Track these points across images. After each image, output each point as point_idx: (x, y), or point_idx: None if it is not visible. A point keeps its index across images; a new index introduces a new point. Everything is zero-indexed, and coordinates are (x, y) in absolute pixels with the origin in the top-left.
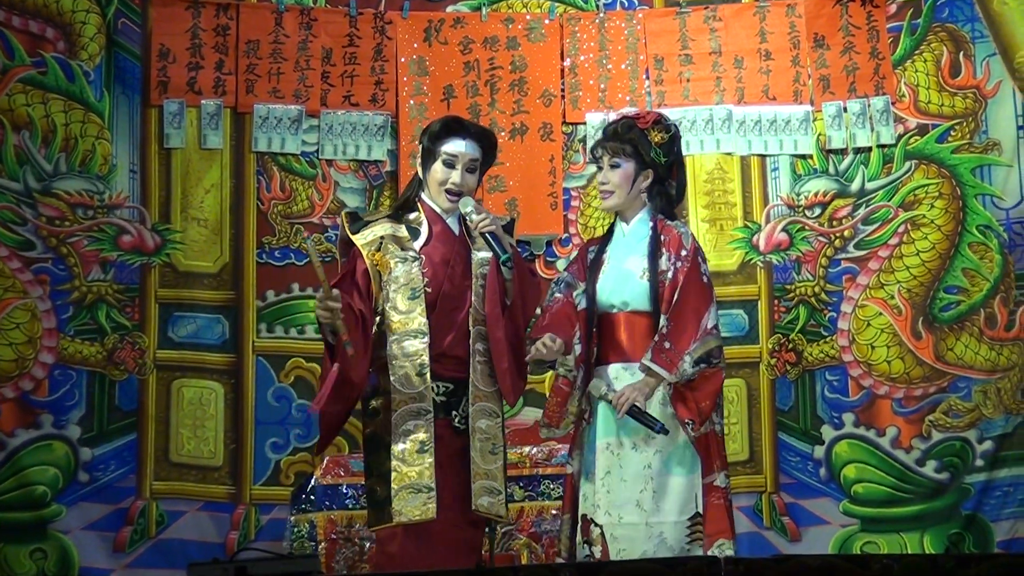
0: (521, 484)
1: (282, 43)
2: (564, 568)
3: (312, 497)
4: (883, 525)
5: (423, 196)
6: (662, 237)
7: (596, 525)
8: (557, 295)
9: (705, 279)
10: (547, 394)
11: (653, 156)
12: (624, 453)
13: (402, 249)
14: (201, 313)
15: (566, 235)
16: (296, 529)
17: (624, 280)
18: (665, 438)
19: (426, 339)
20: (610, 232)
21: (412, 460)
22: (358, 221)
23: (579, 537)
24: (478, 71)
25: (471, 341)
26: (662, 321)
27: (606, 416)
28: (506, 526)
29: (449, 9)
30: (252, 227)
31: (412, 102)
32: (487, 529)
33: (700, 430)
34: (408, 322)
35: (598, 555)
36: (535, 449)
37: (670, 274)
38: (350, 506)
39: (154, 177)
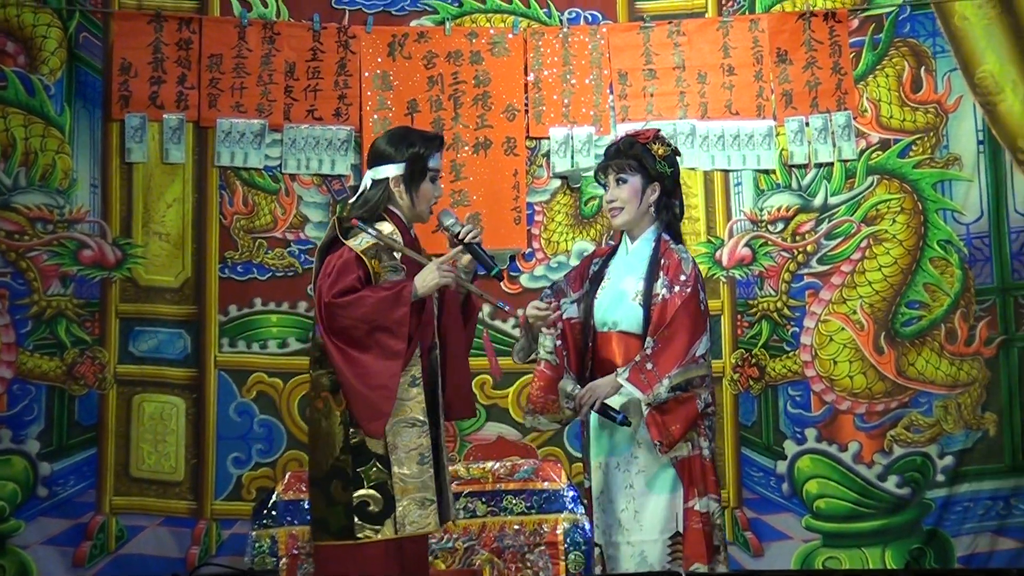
0: (484, 499)
1: (245, 57)
2: None
3: (273, 512)
4: (845, 540)
5: (392, 208)
6: (662, 260)
7: (596, 545)
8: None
9: (702, 307)
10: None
11: (659, 169)
12: (611, 472)
13: (390, 259)
14: (162, 328)
15: (529, 250)
16: (257, 544)
17: (618, 300)
18: (649, 458)
19: (416, 349)
20: (617, 247)
21: (413, 470)
22: (344, 227)
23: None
24: (442, 85)
25: (432, 353)
26: (649, 341)
27: (598, 435)
28: (468, 541)
29: (413, 23)
30: (214, 242)
31: (376, 116)
32: None
33: (677, 450)
34: None
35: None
36: (497, 464)
37: (664, 296)
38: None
39: (115, 191)
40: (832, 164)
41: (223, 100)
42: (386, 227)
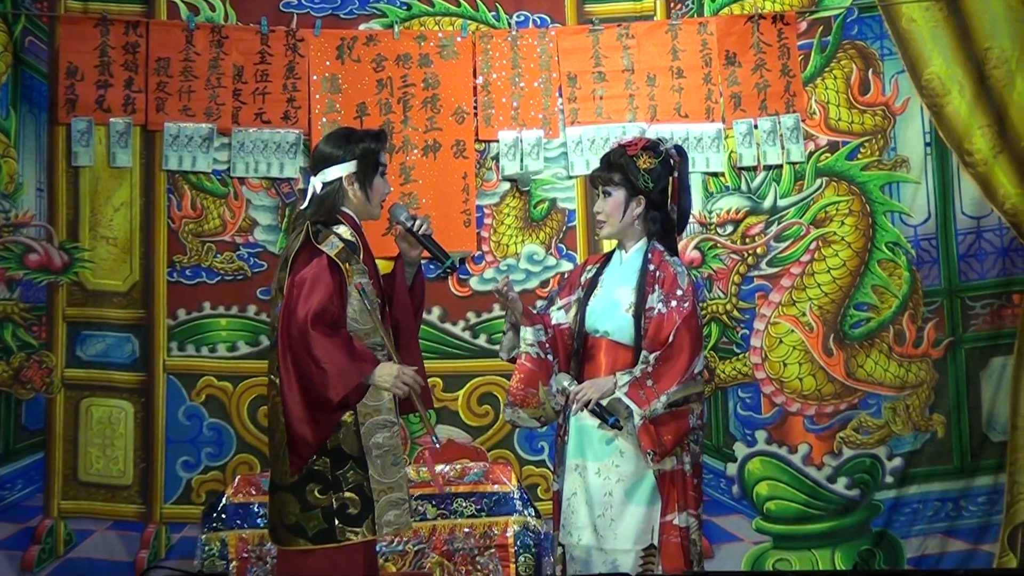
0: (434, 502)
1: (193, 61)
2: None
3: (223, 516)
4: (795, 542)
5: (345, 209)
6: (657, 273)
7: (560, 545)
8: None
9: (700, 323)
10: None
11: (641, 183)
12: (588, 477)
13: (356, 262)
14: (110, 332)
15: (479, 252)
16: (207, 548)
17: (611, 309)
18: (630, 468)
19: (385, 351)
20: (610, 255)
21: (388, 472)
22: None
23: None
24: (391, 88)
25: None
26: (650, 358)
27: (577, 436)
28: (419, 544)
29: (362, 27)
30: (163, 246)
31: (325, 120)
32: None
33: (660, 463)
34: (371, 333)
35: (559, 575)
36: (447, 467)
37: (660, 310)
38: (261, 525)
39: (62, 195)
40: (781, 167)
41: (171, 104)
42: (344, 230)
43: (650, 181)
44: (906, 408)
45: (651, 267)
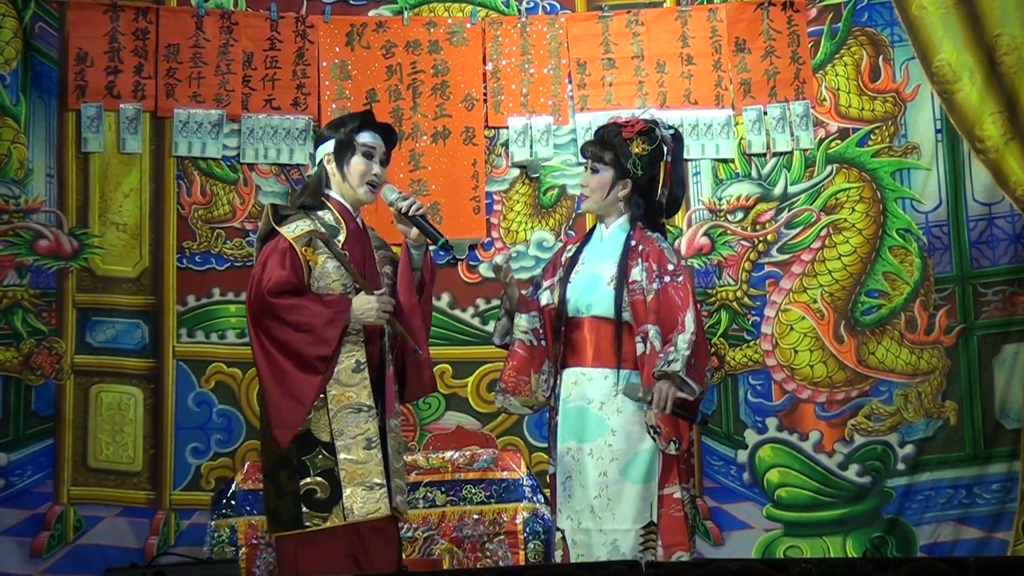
0: (443, 489)
1: (202, 47)
2: (488, 572)
3: (232, 502)
4: (806, 529)
5: (331, 193)
6: (640, 247)
7: (558, 529)
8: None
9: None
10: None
11: (631, 167)
12: (583, 459)
13: (327, 245)
14: (120, 318)
15: (489, 239)
16: (216, 534)
17: (593, 284)
18: (623, 446)
19: (360, 336)
20: (590, 233)
21: (360, 456)
22: (279, 215)
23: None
24: (400, 75)
25: (384, 338)
26: (687, 340)
27: (566, 420)
28: (428, 531)
29: (371, 13)
30: (172, 232)
31: (334, 106)
32: None
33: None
34: None
35: (559, 560)
36: (457, 454)
37: (653, 287)
38: None
39: (71, 181)
40: (791, 153)
41: (180, 90)
42: (326, 214)
43: (639, 168)
44: (918, 395)
45: (633, 242)
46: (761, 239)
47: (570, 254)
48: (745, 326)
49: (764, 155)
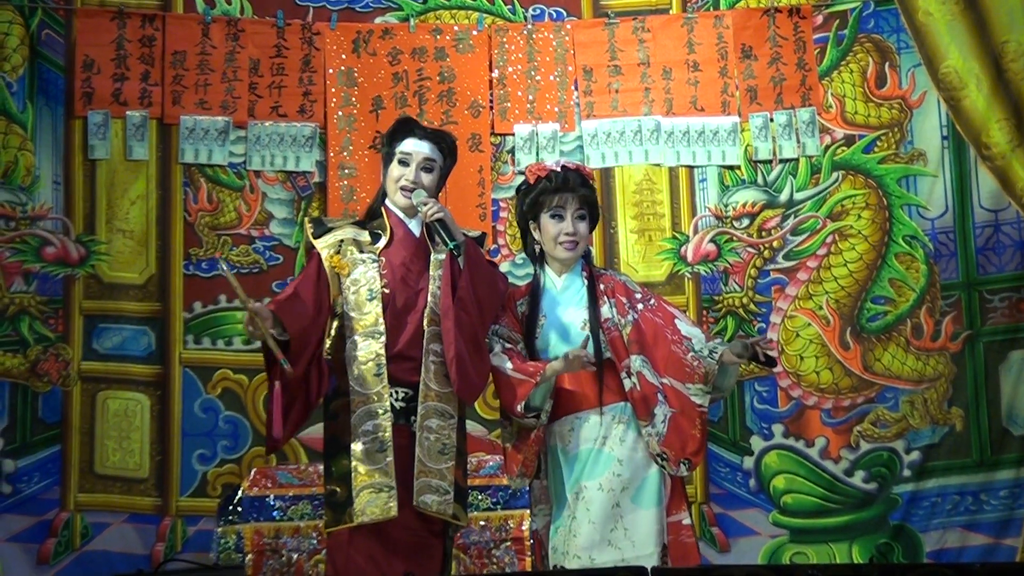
0: None
1: (209, 54)
2: None
3: (239, 508)
4: (812, 536)
5: (387, 203)
6: (602, 286)
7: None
8: (501, 347)
9: None
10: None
11: (596, 207)
12: (590, 495)
13: (360, 251)
14: (127, 325)
15: (495, 246)
16: (223, 540)
17: (564, 334)
18: (631, 475)
19: (383, 339)
20: (537, 286)
21: (373, 459)
22: (321, 226)
23: None
24: (407, 82)
25: (425, 342)
26: (701, 337)
27: (570, 466)
28: None
29: (377, 20)
30: (179, 238)
31: (340, 113)
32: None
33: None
34: (365, 322)
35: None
36: None
37: (629, 319)
38: (277, 517)
39: (78, 188)
40: (797, 160)
41: (187, 97)
42: (379, 223)
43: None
44: (924, 402)
45: (596, 283)
46: (767, 246)
47: (524, 309)
48: (751, 332)
49: (770, 162)
